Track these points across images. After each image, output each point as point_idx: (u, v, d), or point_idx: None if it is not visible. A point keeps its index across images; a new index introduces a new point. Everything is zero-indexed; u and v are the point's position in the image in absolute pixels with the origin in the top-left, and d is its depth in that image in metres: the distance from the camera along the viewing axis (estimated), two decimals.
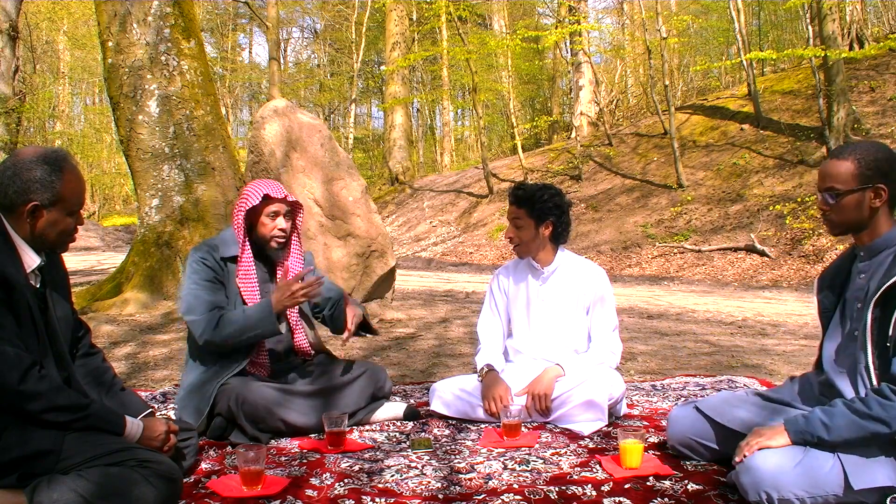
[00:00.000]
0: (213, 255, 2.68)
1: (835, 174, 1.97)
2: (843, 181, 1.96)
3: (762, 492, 1.85)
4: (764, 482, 1.86)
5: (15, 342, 1.74)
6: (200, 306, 2.59)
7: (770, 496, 1.85)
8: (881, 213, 1.96)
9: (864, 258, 2.01)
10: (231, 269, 2.70)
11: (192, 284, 2.64)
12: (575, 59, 20.87)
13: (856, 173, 1.94)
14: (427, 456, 2.41)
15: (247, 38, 40.02)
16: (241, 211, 2.70)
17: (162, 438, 1.96)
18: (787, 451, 1.90)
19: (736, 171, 13.86)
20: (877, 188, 1.93)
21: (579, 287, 2.95)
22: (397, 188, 21.95)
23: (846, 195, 1.96)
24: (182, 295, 2.67)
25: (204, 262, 2.66)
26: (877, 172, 1.93)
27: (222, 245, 2.73)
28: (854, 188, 1.95)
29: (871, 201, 1.94)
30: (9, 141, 12.11)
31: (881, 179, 1.93)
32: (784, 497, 1.84)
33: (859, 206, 1.95)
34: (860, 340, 1.93)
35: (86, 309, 5.77)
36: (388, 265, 6.02)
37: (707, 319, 6.55)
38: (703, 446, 2.25)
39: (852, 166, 1.95)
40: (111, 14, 6.34)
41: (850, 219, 1.98)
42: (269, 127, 5.97)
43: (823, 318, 2.15)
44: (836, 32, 13.30)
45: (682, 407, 2.37)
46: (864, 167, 1.94)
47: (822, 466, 1.84)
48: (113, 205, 30.59)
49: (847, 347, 2.02)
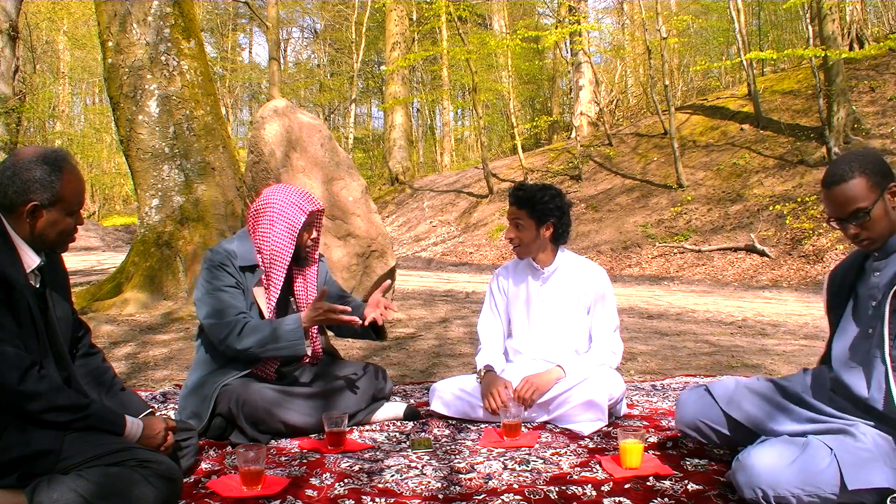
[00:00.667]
0: (233, 262, 2.62)
1: (853, 196, 1.94)
2: (864, 198, 1.94)
3: (757, 489, 1.86)
4: (759, 480, 1.86)
5: (15, 342, 1.74)
6: (222, 311, 2.54)
7: (766, 494, 1.85)
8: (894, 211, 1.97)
9: (880, 256, 2.00)
10: (249, 279, 2.65)
11: (213, 290, 2.58)
12: (575, 59, 20.86)
13: (870, 184, 1.94)
14: (427, 456, 2.41)
15: (247, 38, 40.06)
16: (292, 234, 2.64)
17: (161, 437, 1.96)
18: (782, 448, 1.90)
19: (736, 171, 13.86)
20: (891, 189, 1.95)
21: (580, 287, 2.94)
22: (397, 188, 21.95)
23: (874, 208, 1.94)
24: (200, 297, 2.61)
25: (224, 268, 2.60)
26: (885, 175, 1.95)
27: (241, 252, 2.66)
28: (875, 200, 1.94)
29: (891, 201, 1.95)
30: (9, 141, 12.11)
31: (890, 179, 1.94)
32: (780, 494, 1.84)
33: (887, 214, 1.95)
34: (877, 336, 1.92)
35: (86, 309, 5.77)
36: (388, 265, 6.02)
37: (707, 319, 6.55)
38: (714, 430, 2.24)
39: (863, 180, 1.94)
40: (111, 14, 6.34)
41: (884, 228, 1.96)
42: (269, 127, 5.97)
43: (833, 315, 2.14)
44: (836, 32, 13.30)
45: (693, 390, 2.35)
46: (873, 175, 1.94)
47: (818, 464, 1.84)
48: (113, 205, 30.59)
49: (861, 345, 2.01)
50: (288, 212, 2.65)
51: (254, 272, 2.66)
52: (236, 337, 2.51)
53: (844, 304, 2.09)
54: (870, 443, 1.88)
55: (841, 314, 2.10)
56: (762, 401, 2.16)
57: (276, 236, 2.65)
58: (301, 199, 2.68)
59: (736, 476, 1.92)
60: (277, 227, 2.65)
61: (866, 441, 1.88)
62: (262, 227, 2.67)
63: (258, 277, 2.67)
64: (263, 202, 2.70)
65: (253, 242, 2.68)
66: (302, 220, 2.64)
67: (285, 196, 2.68)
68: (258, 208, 2.70)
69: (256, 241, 2.67)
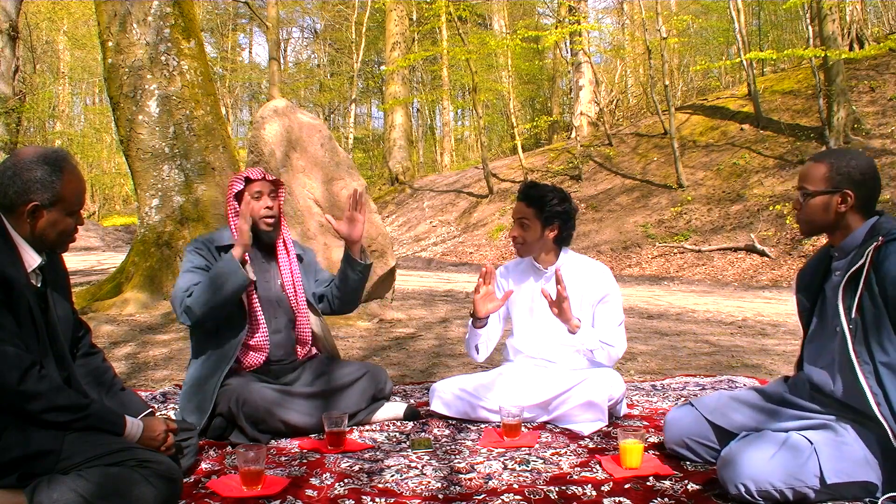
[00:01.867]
0: (208, 245, 2.74)
1: (807, 175, 2.05)
2: (812, 182, 2.03)
3: (740, 484, 1.89)
4: (741, 475, 1.89)
5: (15, 342, 1.74)
6: (184, 286, 2.61)
7: (748, 488, 1.88)
8: (851, 217, 2.00)
9: (838, 257, 2.06)
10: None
11: (184, 271, 2.69)
12: (575, 59, 20.86)
13: (826, 177, 2.01)
14: (427, 456, 2.41)
15: (247, 38, 40.06)
16: (230, 196, 2.78)
17: (161, 437, 1.96)
18: (763, 443, 1.93)
19: (736, 171, 13.86)
20: (844, 193, 1.98)
21: (583, 286, 2.93)
22: (397, 188, 21.95)
23: (813, 196, 2.03)
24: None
25: (198, 251, 2.72)
26: (846, 178, 1.99)
27: (217, 236, 2.80)
28: (821, 190, 2.01)
29: (838, 205, 2.00)
30: (9, 141, 12.11)
31: (849, 186, 1.98)
32: (762, 489, 1.87)
33: (826, 208, 2.01)
34: (839, 334, 1.96)
35: (86, 309, 5.77)
36: (388, 265, 6.02)
37: (707, 319, 6.55)
38: (704, 446, 2.25)
39: (825, 169, 2.02)
40: (111, 14, 6.34)
41: (816, 219, 2.04)
42: (269, 127, 5.97)
43: (804, 317, 2.19)
44: (836, 32, 13.30)
45: (679, 408, 2.37)
46: (835, 172, 2.00)
47: (799, 458, 1.87)
48: (113, 205, 30.59)
49: (828, 344, 2.05)
50: (233, 184, 2.80)
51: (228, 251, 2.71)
52: (189, 298, 2.57)
53: (813, 305, 2.14)
54: (850, 437, 1.91)
55: (811, 315, 2.15)
56: (749, 409, 2.20)
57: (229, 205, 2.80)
58: (245, 172, 2.82)
59: (720, 472, 1.96)
60: (228, 197, 2.81)
61: (847, 436, 1.91)
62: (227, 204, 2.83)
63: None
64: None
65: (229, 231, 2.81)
66: (238, 186, 2.76)
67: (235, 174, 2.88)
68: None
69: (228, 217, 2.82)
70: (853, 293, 1.93)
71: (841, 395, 1.99)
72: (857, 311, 1.92)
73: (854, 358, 1.90)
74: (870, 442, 1.89)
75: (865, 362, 1.89)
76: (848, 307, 1.93)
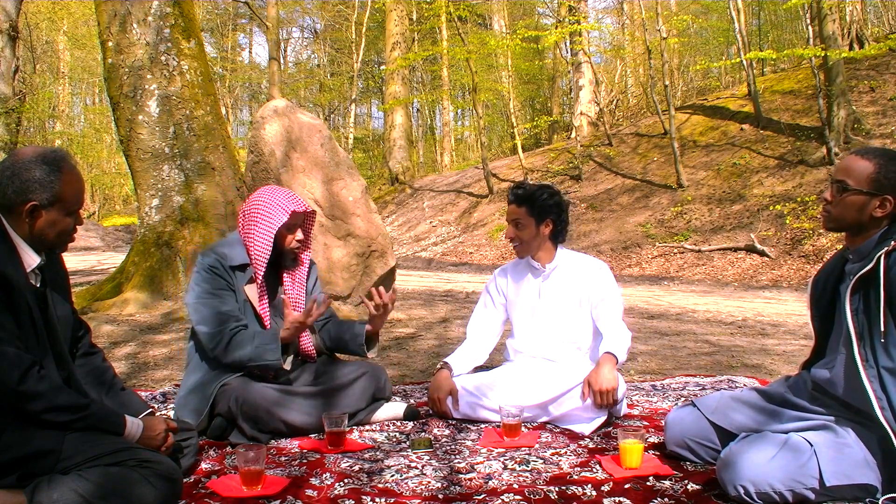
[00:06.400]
0: (223, 264, 2.65)
1: (850, 169, 1.95)
2: (855, 178, 1.94)
3: (739, 486, 1.88)
4: (741, 476, 1.88)
5: (15, 342, 1.73)
6: (213, 318, 2.57)
7: (748, 490, 1.87)
8: (881, 223, 1.94)
9: (854, 260, 2.01)
10: (239, 277, 2.69)
11: (203, 294, 2.61)
12: (575, 59, 20.85)
13: (872, 177, 1.92)
14: (427, 456, 2.41)
15: (247, 38, 40.04)
16: (270, 232, 2.66)
17: (161, 437, 1.96)
18: (763, 445, 1.91)
19: (736, 171, 13.86)
20: (885, 199, 1.91)
21: (581, 284, 2.94)
22: (397, 188, 21.95)
23: (853, 193, 1.94)
24: (190, 302, 2.64)
25: (214, 270, 2.63)
26: (892, 184, 1.91)
27: (230, 253, 2.69)
28: (862, 189, 1.93)
29: (875, 209, 1.92)
30: (9, 141, 12.10)
31: (892, 192, 1.91)
32: (761, 490, 1.86)
33: (862, 209, 1.94)
34: (845, 335, 1.94)
35: (86, 309, 5.77)
36: (388, 265, 6.02)
37: (707, 319, 6.54)
38: (705, 447, 2.25)
39: (872, 169, 1.92)
40: (111, 14, 6.34)
41: (847, 217, 1.97)
42: (269, 127, 5.97)
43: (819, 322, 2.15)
44: (836, 32, 13.30)
45: (680, 409, 2.37)
46: (883, 175, 1.91)
47: (798, 460, 1.86)
48: (113, 205, 30.58)
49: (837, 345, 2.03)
50: (271, 212, 2.68)
51: (244, 271, 2.70)
52: (223, 350, 2.57)
53: (829, 309, 2.09)
54: (850, 439, 1.89)
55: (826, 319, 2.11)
56: (750, 409, 2.19)
57: (258, 235, 2.69)
58: (285, 200, 2.71)
59: (720, 473, 1.95)
60: (260, 226, 2.69)
61: (847, 437, 1.90)
62: (248, 226, 2.72)
63: (249, 276, 2.71)
64: (250, 202, 2.76)
65: (242, 242, 2.73)
66: (283, 219, 2.67)
67: (270, 197, 2.72)
68: (245, 209, 2.76)
69: (244, 240, 2.72)
70: (861, 296, 1.90)
71: (843, 395, 1.98)
72: (863, 314, 1.89)
73: (859, 361, 1.88)
74: (870, 443, 1.88)
75: (870, 366, 1.87)
76: (855, 310, 1.90)
